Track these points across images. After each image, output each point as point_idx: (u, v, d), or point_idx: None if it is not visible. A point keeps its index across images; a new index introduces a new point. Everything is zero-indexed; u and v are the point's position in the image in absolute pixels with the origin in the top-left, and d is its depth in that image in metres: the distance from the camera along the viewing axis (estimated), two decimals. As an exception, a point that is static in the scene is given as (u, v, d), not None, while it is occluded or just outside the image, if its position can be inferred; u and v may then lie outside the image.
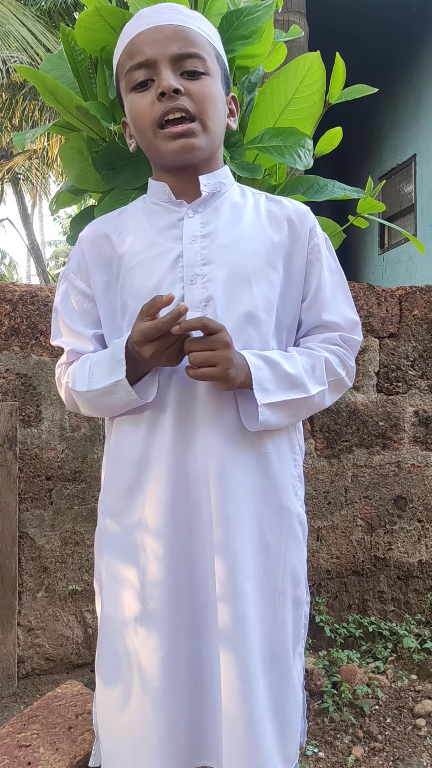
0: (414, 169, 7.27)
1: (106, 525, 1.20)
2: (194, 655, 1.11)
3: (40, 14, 9.35)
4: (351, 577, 2.59)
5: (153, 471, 1.11)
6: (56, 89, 1.37)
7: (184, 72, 1.09)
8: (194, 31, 1.11)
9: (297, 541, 1.19)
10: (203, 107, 1.09)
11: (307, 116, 1.56)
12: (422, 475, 2.65)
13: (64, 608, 2.27)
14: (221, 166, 1.21)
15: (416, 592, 2.65)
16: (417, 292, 2.65)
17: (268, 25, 1.47)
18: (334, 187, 1.62)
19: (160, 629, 1.09)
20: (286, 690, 1.15)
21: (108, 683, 1.14)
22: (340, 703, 2.06)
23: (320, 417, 2.54)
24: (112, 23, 1.39)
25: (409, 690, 2.18)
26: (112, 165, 1.45)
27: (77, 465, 2.28)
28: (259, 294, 1.13)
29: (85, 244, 1.21)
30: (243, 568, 1.09)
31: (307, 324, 1.22)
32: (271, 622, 1.13)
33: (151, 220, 1.18)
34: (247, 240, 1.15)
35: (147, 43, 1.08)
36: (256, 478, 1.12)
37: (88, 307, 1.22)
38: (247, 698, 1.06)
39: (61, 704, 1.73)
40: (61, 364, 1.26)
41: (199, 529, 1.10)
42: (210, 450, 1.09)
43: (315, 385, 1.14)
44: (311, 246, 1.20)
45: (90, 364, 1.15)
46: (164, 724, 1.08)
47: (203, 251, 1.13)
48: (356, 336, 1.23)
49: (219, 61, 1.16)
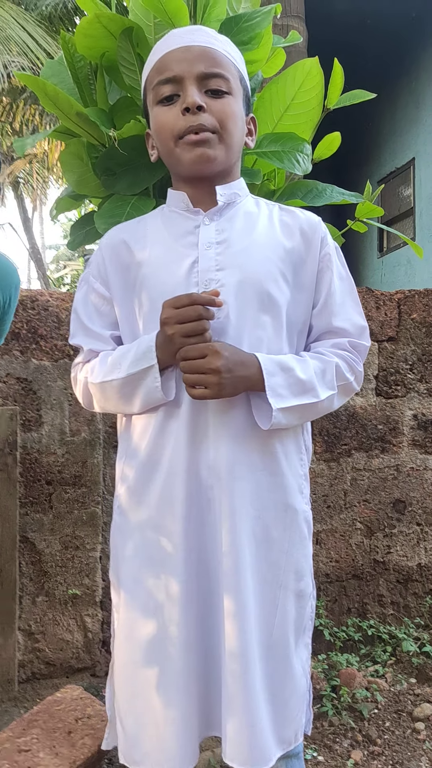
0: (413, 173, 7.28)
1: (121, 522, 1.27)
2: (203, 640, 1.19)
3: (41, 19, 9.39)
4: (350, 580, 2.60)
5: (167, 468, 1.18)
6: (56, 95, 1.38)
7: (208, 90, 1.16)
8: (220, 53, 1.18)
9: (301, 537, 1.25)
10: (224, 124, 1.17)
11: (306, 121, 1.56)
12: (421, 479, 2.65)
13: (64, 612, 2.27)
14: (237, 179, 1.28)
15: (415, 595, 2.65)
16: (416, 295, 2.65)
17: (267, 30, 1.48)
18: (333, 191, 1.63)
19: (180, 615, 1.16)
20: (284, 677, 1.21)
21: (131, 669, 1.21)
22: (339, 707, 2.06)
23: (319, 420, 2.55)
24: (111, 30, 1.39)
25: (408, 694, 2.18)
26: (111, 171, 1.46)
27: (77, 469, 2.28)
28: (270, 299, 1.19)
29: (105, 250, 1.28)
30: (246, 561, 1.15)
31: (318, 329, 1.28)
32: (271, 612, 1.20)
33: (168, 228, 1.25)
34: (260, 247, 1.21)
35: (176, 61, 1.16)
36: (263, 476, 1.19)
37: (107, 310, 1.28)
38: (244, 681, 1.14)
39: (60, 709, 1.73)
40: (77, 363, 1.32)
41: (210, 523, 1.17)
42: (221, 448, 1.16)
43: (325, 389, 1.20)
44: (322, 255, 1.26)
45: (115, 355, 1.22)
46: (185, 702, 1.17)
47: (218, 257, 1.19)
48: (364, 341, 1.29)
49: (242, 83, 1.23)
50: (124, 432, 1.30)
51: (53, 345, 2.25)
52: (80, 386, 1.30)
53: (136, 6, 1.44)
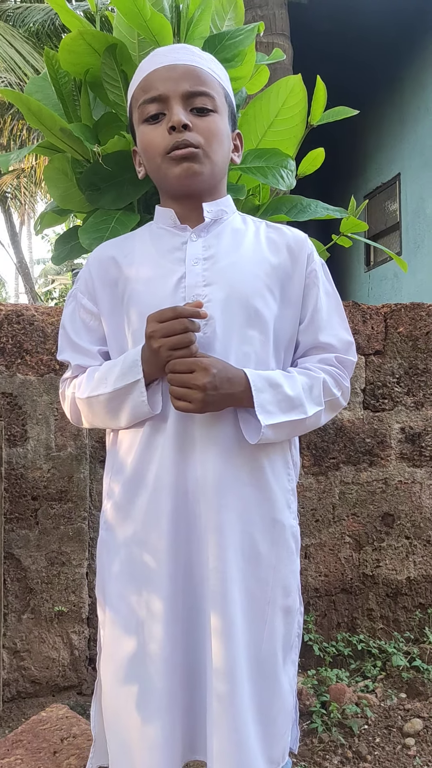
0: (398, 188, 7.35)
1: (107, 537, 1.26)
2: (188, 657, 1.18)
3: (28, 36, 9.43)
4: (339, 595, 2.58)
5: (154, 482, 1.17)
6: (40, 111, 1.38)
7: (193, 108, 1.17)
8: (205, 71, 1.19)
9: (289, 552, 1.24)
10: (209, 142, 1.18)
11: (290, 137, 1.58)
12: (409, 492, 2.65)
13: (50, 630, 2.25)
14: (224, 196, 1.29)
15: (405, 609, 2.64)
16: (402, 309, 2.67)
17: (250, 48, 1.49)
18: (317, 207, 1.64)
19: (164, 633, 1.15)
20: (272, 694, 1.20)
21: (114, 687, 1.20)
22: (329, 723, 2.05)
23: (307, 434, 2.55)
24: (95, 46, 1.40)
25: (398, 709, 2.16)
26: (95, 186, 1.46)
27: (63, 484, 2.26)
28: (257, 315, 1.19)
29: (93, 266, 1.28)
30: (233, 577, 1.15)
31: (305, 345, 1.29)
32: (260, 628, 1.19)
33: (156, 244, 1.26)
34: (247, 263, 1.22)
35: (161, 80, 1.17)
36: (251, 491, 1.18)
37: (94, 325, 1.29)
38: (231, 699, 1.13)
39: (46, 728, 1.71)
40: (65, 379, 1.32)
41: (196, 539, 1.16)
42: (208, 462, 1.16)
43: (313, 405, 1.20)
44: (309, 271, 1.27)
45: (102, 370, 1.22)
46: (167, 722, 1.14)
47: (205, 273, 1.19)
48: (351, 357, 1.30)
49: (227, 100, 1.25)
50: (111, 447, 1.29)
51: (39, 359, 2.24)
52: (68, 402, 1.30)
53: (120, 23, 1.45)
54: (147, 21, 1.37)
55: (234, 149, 1.29)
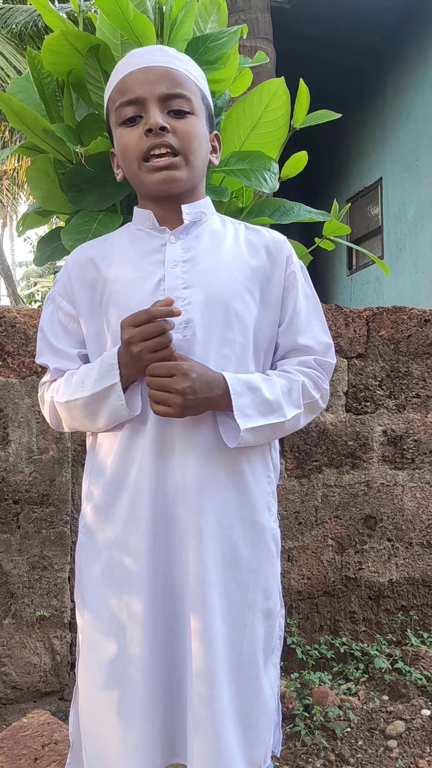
0: (380, 193, 7.41)
1: (86, 541, 1.24)
2: (169, 661, 1.17)
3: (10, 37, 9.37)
4: (322, 597, 2.59)
5: (133, 486, 1.16)
6: (22, 111, 1.37)
7: (170, 111, 1.17)
8: (182, 73, 1.19)
9: (269, 555, 1.24)
10: (187, 144, 1.17)
11: (273, 140, 1.58)
12: (391, 494, 2.66)
13: (32, 635, 2.23)
14: (203, 197, 1.28)
15: (387, 611, 2.65)
16: (384, 312, 2.68)
17: (233, 51, 1.49)
18: (300, 209, 1.64)
19: (143, 637, 1.14)
20: (253, 697, 1.20)
21: (93, 692, 1.18)
22: (312, 726, 2.04)
23: (290, 437, 2.55)
24: (78, 47, 1.40)
25: (380, 711, 2.17)
26: (78, 187, 1.45)
27: (45, 488, 2.24)
28: (237, 317, 1.19)
29: (71, 268, 1.27)
30: (213, 580, 1.14)
31: (284, 347, 1.29)
32: (240, 632, 1.18)
33: (135, 246, 1.25)
34: (226, 265, 1.22)
35: (137, 83, 1.16)
36: (230, 494, 1.18)
37: (73, 328, 1.27)
38: (211, 703, 1.12)
39: (27, 734, 1.69)
40: (44, 383, 1.31)
41: (176, 543, 1.16)
42: (187, 466, 1.15)
43: (291, 408, 1.20)
44: (288, 273, 1.27)
45: (79, 374, 1.21)
46: (146, 726, 1.13)
47: (184, 275, 1.19)
48: (330, 359, 1.29)
49: (204, 102, 1.24)
50: (91, 449, 1.28)
51: (21, 362, 2.23)
52: (47, 406, 1.29)
53: (103, 24, 1.45)
54: (130, 22, 1.36)
55: (212, 150, 1.28)
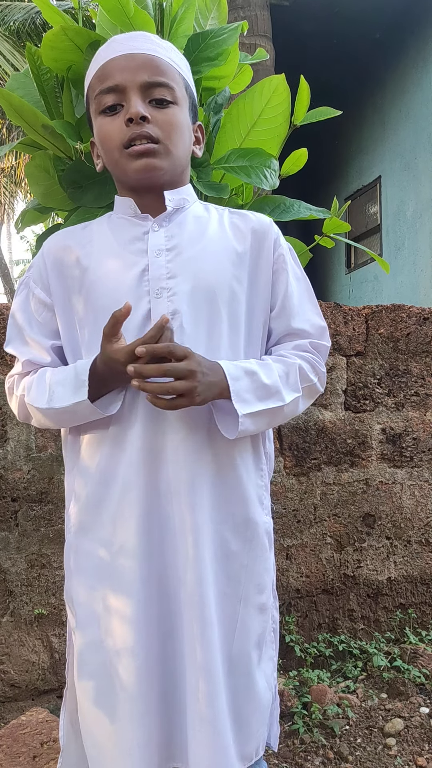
0: (379, 191, 7.41)
1: (75, 541, 1.20)
2: (165, 661, 1.14)
3: (8, 34, 9.35)
4: (321, 595, 2.59)
5: (122, 483, 1.12)
6: (22, 108, 1.36)
7: (152, 100, 1.12)
8: (165, 61, 1.14)
9: (262, 550, 1.22)
10: (168, 135, 1.13)
11: (273, 137, 1.57)
12: (390, 492, 2.66)
13: (30, 633, 2.22)
14: (186, 185, 1.24)
15: (385, 609, 2.65)
16: (383, 311, 2.68)
17: (234, 47, 1.49)
18: (300, 207, 1.64)
19: (136, 639, 1.11)
20: (246, 692, 1.18)
21: (88, 695, 1.15)
22: (311, 724, 2.04)
23: (289, 435, 2.55)
24: (78, 43, 1.39)
25: (379, 709, 2.17)
26: (78, 183, 1.45)
27: (44, 486, 2.24)
28: (225, 306, 1.15)
29: (48, 255, 1.22)
30: (208, 577, 1.12)
31: (278, 332, 1.25)
32: (232, 627, 1.16)
33: (116, 234, 1.20)
34: (212, 253, 1.18)
35: (118, 70, 1.11)
36: (222, 490, 1.15)
37: (47, 317, 1.22)
38: (213, 701, 1.10)
39: (25, 732, 1.69)
40: (13, 374, 1.25)
41: (169, 539, 1.13)
42: (179, 462, 1.11)
43: (290, 392, 1.16)
44: (276, 256, 1.23)
45: (50, 382, 1.15)
46: (141, 730, 1.10)
47: (168, 265, 1.15)
48: (325, 342, 1.26)
49: (187, 91, 1.20)
50: (71, 445, 1.23)
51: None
52: (16, 401, 1.23)
53: (102, 20, 1.44)
54: (130, 18, 1.36)
55: (195, 141, 1.24)
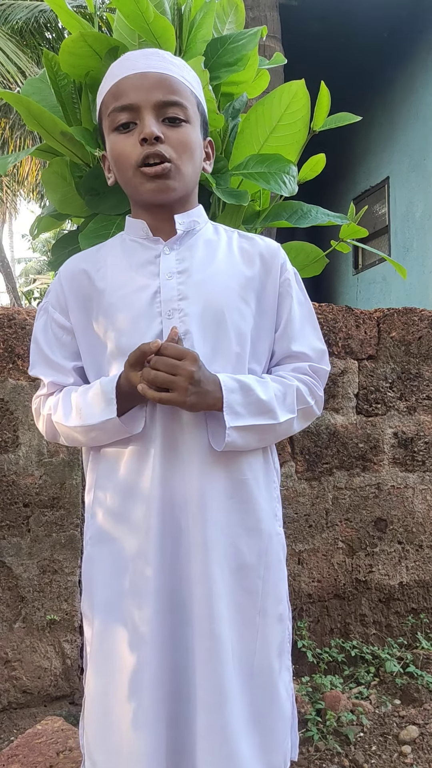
0: (387, 192, 7.37)
1: (93, 552, 1.23)
2: (175, 672, 1.16)
3: (11, 33, 9.32)
4: (332, 600, 2.57)
5: (142, 497, 1.15)
6: (40, 114, 1.35)
7: (165, 119, 1.15)
8: (178, 80, 1.17)
9: (277, 560, 1.24)
10: (181, 154, 1.16)
11: (292, 143, 1.56)
12: (402, 497, 2.65)
13: (42, 639, 2.22)
14: (196, 206, 1.27)
15: (398, 614, 2.64)
16: (395, 314, 2.66)
17: (253, 52, 1.48)
18: (318, 213, 1.62)
19: (149, 649, 1.13)
20: (270, 703, 1.20)
21: (101, 701, 1.17)
22: (325, 731, 2.03)
23: (300, 439, 2.53)
24: (96, 49, 1.38)
25: (393, 716, 2.16)
26: (96, 190, 1.44)
27: (55, 491, 2.23)
28: (234, 327, 1.19)
29: (65, 280, 1.26)
30: (219, 591, 1.14)
31: (279, 354, 1.29)
32: (251, 639, 1.18)
33: (128, 257, 1.24)
34: (221, 276, 1.21)
35: (132, 89, 1.14)
36: (234, 504, 1.18)
37: (67, 340, 1.26)
38: (221, 712, 1.12)
39: (41, 742, 1.68)
40: (39, 396, 1.30)
41: (182, 554, 1.15)
42: (192, 477, 1.14)
43: (285, 412, 1.19)
44: (282, 280, 1.27)
45: (77, 401, 1.19)
46: (152, 738, 1.12)
47: (180, 287, 1.18)
48: (324, 366, 1.30)
49: (199, 109, 1.22)
50: (92, 462, 1.27)
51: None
52: (43, 421, 1.28)
53: (120, 26, 1.43)
54: (149, 24, 1.35)
55: (206, 158, 1.27)
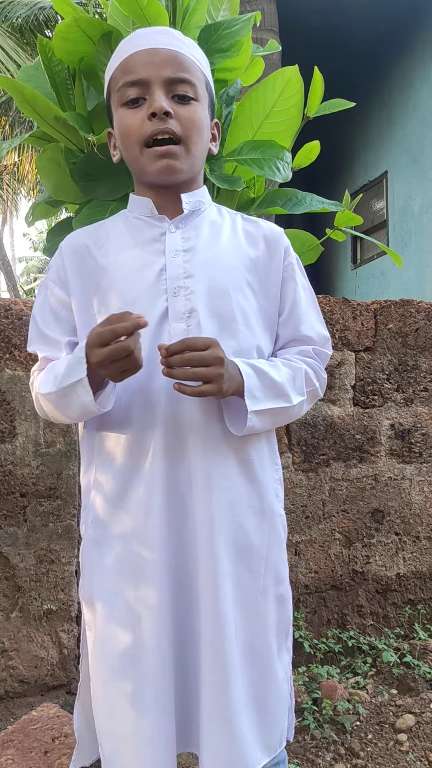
0: (385, 186, 7.37)
1: (95, 535, 1.22)
2: (181, 650, 1.16)
3: (11, 30, 9.31)
4: (329, 591, 2.58)
5: (145, 478, 1.15)
6: (34, 99, 1.35)
7: (175, 95, 1.14)
8: (188, 58, 1.16)
9: (279, 541, 1.25)
10: (189, 132, 1.15)
11: (286, 129, 1.56)
12: (399, 488, 2.65)
13: (39, 628, 2.22)
14: (201, 186, 1.27)
15: (394, 605, 2.64)
16: (392, 306, 2.67)
17: (247, 38, 1.48)
18: (313, 200, 1.62)
19: (156, 629, 1.13)
20: (268, 683, 1.20)
21: (107, 685, 1.17)
22: (321, 720, 2.04)
23: (297, 431, 2.54)
24: (90, 34, 1.38)
25: (389, 705, 2.16)
26: (90, 176, 1.44)
27: (52, 481, 2.24)
28: (238, 307, 1.19)
29: (66, 255, 1.24)
30: (225, 569, 1.14)
31: (284, 337, 1.29)
32: (253, 619, 1.19)
33: (133, 234, 1.23)
34: (226, 256, 1.22)
35: (142, 64, 1.13)
36: (240, 483, 1.18)
37: (65, 315, 1.25)
38: (224, 690, 1.12)
39: (37, 728, 1.68)
40: (34, 371, 1.29)
41: (188, 533, 1.15)
42: (198, 458, 1.14)
43: (296, 395, 1.21)
44: (286, 264, 1.27)
45: (55, 366, 1.18)
46: (161, 717, 1.13)
47: (185, 265, 1.18)
48: (327, 350, 1.31)
49: (207, 89, 1.22)
50: (88, 442, 1.25)
51: (28, 355, 2.21)
52: (33, 396, 1.27)
53: (114, 11, 1.43)
54: (143, 9, 1.35)
55: (212, 139, 1.26)
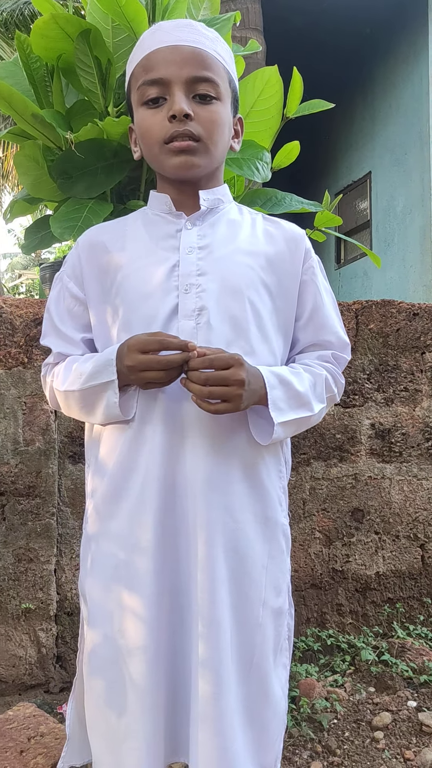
0: (369, 186, 7.42)
1: (91, 535, 1.22)
2: (173, 657, 1.14)
3: (-3, 25, 9.24)
4: (309, 590, 2.59)
5: (142, 477, 1.13)
6: (11, 96, 1.34)
7: (196, 95, 1.12)
8: (210, 55, 1.14)
9: (280, 551, 1.21)
10: (210, 133, 1.13)
11: (265, 129, 1.57)
12: (379, 488, 2.67)
13: (17, 627, 2.21)
14: (221, 184, 1.25)
15: (374, 604, 2.66)
16: (373, 306, 2.68)
17: (227, 37, 1.48)
18: (292, 200, 1.63)
19: (147, 634, 1.11)
20: (264, 699, 1.17)
21: (96, 688, 1.16)
22: (299, 718, 2.05)
23: (278, 430, 2.54)
24: (68, 31, 1.37)
25: (367, 703, 2.18)
26: (68, 174, 1.43)
27: (31, 480, 2.22)
28: (251, 307, 1.16)
29: (83, 250, 1.24)
30: (221, 575, 1.11)
31: (304, 342, 1.27)
32: (253, 631, 1.15)
33: (149, 230, 1.22)
34: (242, 255, 1.20)
35: (163, 63, 1.11)
36: (243, 489, 1.15)
37: (79, 311, 1.25)
38: (216, 701, 1.09)
39: (12, 727, 1.68)
40: (47, 363, 1.29)
41: (184, 536, 1.13)
42: (198, 460, 1.12)
43: (317, 402, 1.20)
44: (306, 267, 1.25)
45: (79, 364, 1.18)
46: (150, 724, 1.11)
47: (199, 262, 1.16)
48: (346, 355, 1.30)
49: (231, 85, 1.20)
50: (92, 440, 1.25)
51: (7, 353, 2.20)
52: (48, 389, 1.27)
53: (93, 9, 1.43)
54: (122, 7, 1.34)
55: (234, 135, 1.24)
